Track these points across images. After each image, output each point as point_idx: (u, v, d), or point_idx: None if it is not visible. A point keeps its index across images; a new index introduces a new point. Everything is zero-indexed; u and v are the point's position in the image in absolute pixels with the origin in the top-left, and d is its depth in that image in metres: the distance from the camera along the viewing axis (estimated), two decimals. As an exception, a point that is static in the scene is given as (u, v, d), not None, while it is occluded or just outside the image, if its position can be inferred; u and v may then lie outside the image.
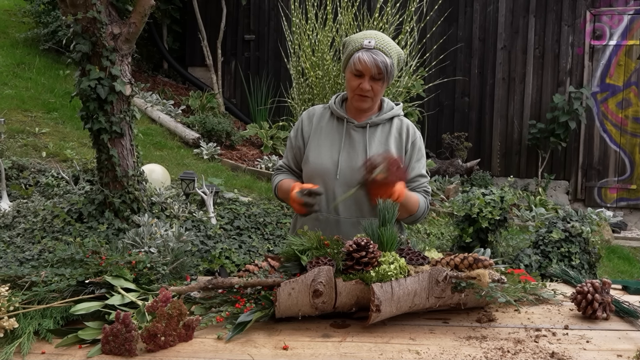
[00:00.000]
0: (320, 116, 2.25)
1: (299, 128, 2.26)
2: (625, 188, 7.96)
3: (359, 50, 2.05)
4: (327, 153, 2.16)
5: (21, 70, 8.11)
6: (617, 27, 7.83)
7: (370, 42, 2.04)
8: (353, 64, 2.06)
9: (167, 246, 3.20)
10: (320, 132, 2.21)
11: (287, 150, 2.32)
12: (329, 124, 2.22)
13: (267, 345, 1.52)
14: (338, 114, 2.20)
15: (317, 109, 2.29)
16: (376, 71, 2.04)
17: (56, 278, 1.74)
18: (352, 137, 2.17)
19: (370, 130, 2.18)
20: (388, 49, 2.06)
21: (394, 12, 6.60)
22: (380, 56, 2.03)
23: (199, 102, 8.40)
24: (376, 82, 2.08)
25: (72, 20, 3.69)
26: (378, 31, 2.16)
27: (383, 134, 2.18)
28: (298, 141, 2.25)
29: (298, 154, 2.25)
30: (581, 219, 4.01)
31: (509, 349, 1.51)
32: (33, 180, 5.27)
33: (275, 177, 2.32)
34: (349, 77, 2.12)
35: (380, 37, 2.08)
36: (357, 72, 2.06)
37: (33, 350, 1.49)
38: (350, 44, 2.11)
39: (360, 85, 2.07)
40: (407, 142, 2.19)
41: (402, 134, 2.20)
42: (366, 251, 1.66)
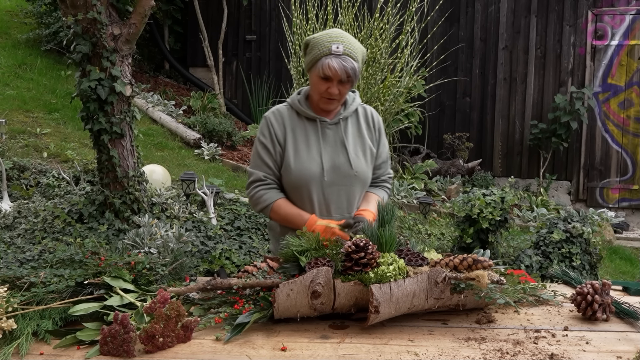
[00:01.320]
0: (288, 118, 2.18)
1: (271, 133, 2.16)
2: (627, 188, 7.94)
3: (328, 56, 2.03)
4: (308, 157, 2.13)
5: (23, 70, 8.12)
6: (619, 27, 7.82)
7: (338, 48, 2.02)
8: (321, 69, 2.04)
9: (167, 247, 3.20)
10: (295, 136, 2.16)
11: (263, 158, 2.16)
12: (300, 125, 2.18)
13: (266, 347, 1.52)
14: (307, 114, 2.17)
15: (281, 110, 2.21)
16: (345, 77, 2.04)
17: (55, 279, 1.74)
18: (328, 135, 2.17)
19: (342, 125, 2.19)
20: (355, 53, 2.06)
21: (395, 13, 6.60)
22: (349, 62, 2.03)
23: (200, 102, 8.41)
24: (344, 86, 2.08)
25: (73, 21, 3.69)
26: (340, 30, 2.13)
27: (354, 127, 2.21)
28: (276, 146, 2.15)
29: (279, 160, 2.16)
30: (582, 220, 4.00)
31: (508, 351, 1.51)
32: (34, 180, 5.28)
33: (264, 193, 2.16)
34: (315, 81, 2.09)
35: (347, 41, 2.06)
36: (325, 77, 2.05)
37: (31, 351, 1.49)
38: (316, 47, 2.07)
39: (329, 90, 2.06)
40: (374, 129, 2.25)
41: (369, 123, 2.25)
42: (365, 252, 1.66)
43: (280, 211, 2.14)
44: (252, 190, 2.19)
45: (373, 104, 6.53)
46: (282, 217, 2.15)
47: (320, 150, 2.14)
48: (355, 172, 2.14)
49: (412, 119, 7.67)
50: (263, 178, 2.16)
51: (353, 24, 6.46)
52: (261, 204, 2.16)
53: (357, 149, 2.19)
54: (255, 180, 2.17)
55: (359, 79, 2.15)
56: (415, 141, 8.20)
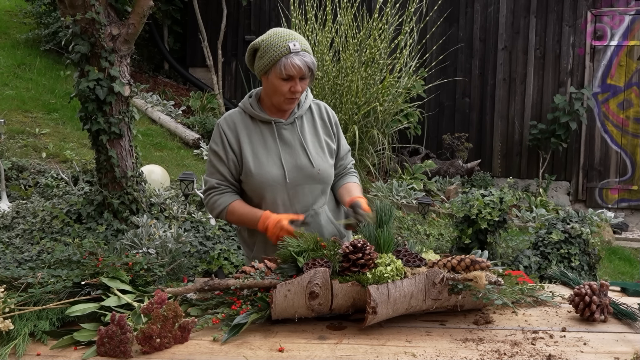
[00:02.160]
0: (242, 123, 2.16)
1: (224, 141, 2.14)
2: (627, 189, 7.94)
3: (287, 55, 2.01)
4: (268, 160, 2.12)
5: (22, 71, 8.12)
6: (618, 28, 7.82)
7: (295, 46, 2.01)
8: (283, 69, 2.02)
9: (166, 247, 3.20)
10: (251, 141, 2.14)
11: (216, 166, 2.16)
12: (255, 129, 2.15)
13: (263, 347, 1.52)
14: (262, 118, 2.14)
15: (233, 115, 2.18)
16: (308, 72, 2.05)
17: (52, 279, 1.74)
18: (285, 136, 2.15)
19: (298, 124, 2.18)
20: (308, 48, 2.07)
21: (394, 13, 6.59)
22: (307, 57, 2.04)
23: (199, 102, 8.40)
24: (304, 82, 2.08)
25: (71, 21, 3.69)
26: (279, 28, 2.12)
27: (309, 124, 2.21)
28: (229, 154, 2.13)
29: (233, 167, 2.14)
30: (581, 220, 4.00)
31: (505, 352, 1.51)
32: (33, 181, 5.27)
33: (218, 198, 2.16)
34: (277, 83, 2.05)
35: (299, 37, 2.06)
36: (287, 77, 2.03)
37: (28, 351, 1.49)
38: (271, 49, 2.03)
39: (292, 89, 2.05)
40: (331, 124, 2.26)
41: (324, 119, 2.25)
42: (363, 253, 1.65)
43: (235, 213, 2.13)
44: (206, 198, 2.20)
45: (372, 105, 6.53)
46: (237, 218, 2.14)
47: (279, 153, 2.12)
48: (318, 171, 2.14)
49: (411, 119, 7.67)
50: (216, 185, 2.16)
51: (352, 24, 6.46)
52: (216, 209, 2.16)
53: (316, 147, 2.19)
54: (209, 188, 2.18)
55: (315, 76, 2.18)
56: (414, 141, 8.20)
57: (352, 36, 6.43)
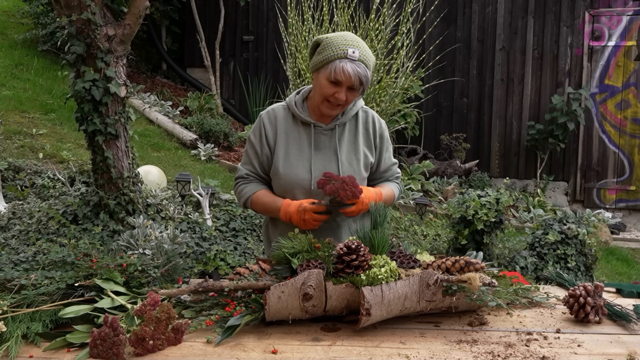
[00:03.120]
0: (283, 120, 2.12)
1: (262, 134, 2.12)
2: (624, 189, 7.95)
3: (343, 59, 1.95)
4: (298, 162, 2.08)
5: (19, 71, 8.11)
6: (616, 28, 7.83)
7: (354, 53, 1.95)
8: (333, 72, 1.95)
9: (162, 248, 3.19)
10: (287, 139, 2.11)
11: (250, 157, 2.16)
12: (293, 128, 2.11)
13: (257, 349, 1.51)
14: (303, 119, 2.10)
15: (277, 110, 2.15)
16: (357, 83, 1.97)
17: (46, 281, 1.73)
18: (321, 141, 2.10)
19: (338, 131, 2.11)
20: (368, 61, 1.99)
21: (391, 13, 6.59)
22: (362, 69, 1.96)
23: (197, 103, 8.40)
24: (352, 93, 2.00)
25: (67, 21, 3.68)
26: (352, 34, 2.05)
27: (350, 133, 2.13)
28: (264, 148, 2.12)
29: (266, 162, 2.14)
30: (578, 221, 4.00)
31: (499, 353, 1.50)
32: (29, 181, 5.27)
33: (244, 187, 2.17)
34: (323, 83, 1.99)
35: (363, 47, 1.99)
36: (335, 81, 1.96)
37: (21, 353, 1.48)
38: (330, 48, 1.98)
39: (336, 95, 1.98)
40: (374, 136, 2.17)
41: (368, 129, 2.16)
42: (357, 254, 1.65)
43: (259, 201, 2.12)
44: (235, 187, 2.23)
45: (369, 105, 6.52)
46: (261, 207, 2.13)
47: (311, 157, 2.08)
48: None
49: (409, 120, 7.67)
50: (245, 176, 2.18)
51: (349, 25, 6.46)
52: (242, 197, 2.17)
53: (350, 157, 2.11)
54: (239, 177, 2.20)
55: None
56: (412, 142, 8.20)
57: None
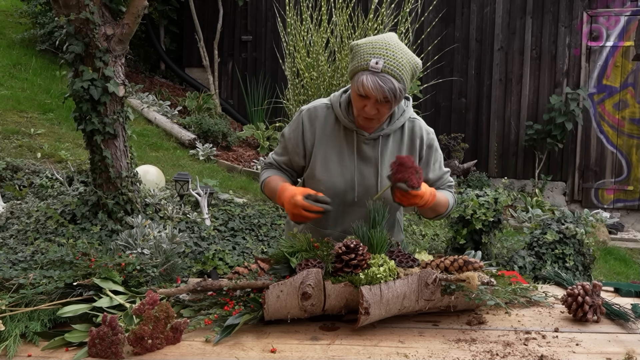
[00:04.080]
0: (324, 121, 1.99)
1: (299, 132, 2.01)
2: (622, 189, 7.96)
3: (365, 71, 1.79)
4: (337, 170, 1.97)
5: (17, 71, 8.10)
6: (614, 28, 7.84)
7: (377, 64, 1.77)
8: (357, 85, 1.81)
9: (160, 248, 3.19)
10: (327, 143, 1.98)
11: (281, 148, 2.08)
12: (335, 132, 1.98)
13: (255, 348, 1.51)
14: (346, 123, 1.96)
15: (319, 109, 2.01)
16: (382, 98, 1.80)
17: (44, 280, 1.73)
18: (363, 151, 1.97)
19: (382, 142, 1.97)
20: (398, 71, 1.79)
21: (389, 13, 6.59)
22: (387, 82, 1.77)
23: (195, 102, 8.39)
24: (383, 105, 1.84)
25: (65, 21, 3.68)
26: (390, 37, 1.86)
27: (395, 145, 2.00)
28: (298, 147, 2.02)
29: (296, 159, 2.04)
30: (576, 221, 4.01)
31: (497, 352, 1.51)
32: (27, 181, 5.26)
33: (264, 172, 2.12)
34: (353, 95, 1.88)
35: (391, 54, 1.79)
36: (360, 94, 1.83)
37: (19, 353, 1.48)
38: (356, 58, 1.83)
39: (365, 108, 1.84)
40: (421, 147, 2.03)
41: (414, 141, 2.01)
42: (355, 253, 1.65)
43: (268, 185, 2.04)
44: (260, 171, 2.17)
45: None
46: (268, 191, 2.05)
47: (353, 168, 1.96)
48: (384, 198, 1.92)
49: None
50: (268, 163, 2.13)
51: (347, 25, 6.46)
52: (260, 181, 2.12)
53: None
54: (267, 163, 2.14)
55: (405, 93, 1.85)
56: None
57: (347, 36, 6.43)
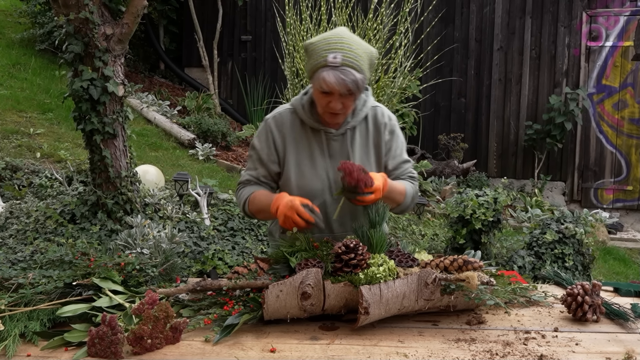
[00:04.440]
0: (291, 125, 2.00)
1: (269, 140, 2.00)
2: (622, 189, 7.96)
3: (324, 67, 1.81)
4: (311, 172, 1.98)
5: (17, 70, 8.09)
6: (614, 29, 7.84)
7: (336, 58, 1.79)
8: (319, 82, 1.82)
9: (159, 247, 3.19)
10: (297, 147, 1.99)
11: (256, 162, 2.04)
12: (303, 135, 1.99)
13: (255, 348, 1.51)
14: (312, 124, 1.98)
15: (284, 115, 2.02)
16: (345, 91, 1.82)
17: (43, 280, 1.73)
18: (333, 148, 1.99)
19: (349, 135, 2.00)
20: (357, 62, 1.82)
21: (389, 13, 6.59)
22: (349, 75, 1.80)
23: (195, 102, 8.39)
24: (347, 98, 1.86)
25: (65, 20, 3.67)
26: (343, 31, 1.88)
27: (362, 135, 2.02)
28: (272, 155, 2.01)
29: (273, 168, 2.02)
30: (575, 221, 4.01)
31: (497, 352, 1.51)
32: (26, 181, 5.25)
33: (243, 190, 2.07)
34: (316, 94, 1.89)
35: (347, 48, 1.81)
36: (323, 91, 1.84)
37: (18, 352, 1.48)
38: (313, 56, 1.85)
39: (330, 104, 1.86)
40: (384, 132, 2.04)
41: (379, 128, 2.03)
42: (355, 253, 1.65)
43: (255, 200, 2.00)
44: (236, 193, 2.13)
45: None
46: (256, 206, 2.00)
47: (326, 167, 1.98)
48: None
49: (407, 120, 7.67)
50: (245, 181, 2.08)
51: (347, 24, 6.46)
52: (240, 201, 2.07)
53: (364, 163, 1.99)
54: (240, 182, 2.11)
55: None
56: (409, 142, 8.20)
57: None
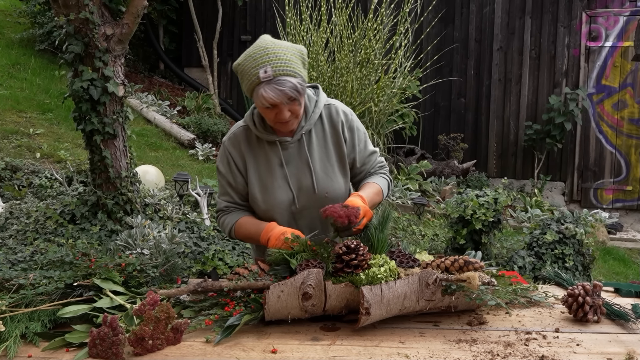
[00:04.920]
0: (247, 142, 1.98)
1: (230, 163, 2.00)
2: (621, 189, 7.97)
3: (259, 85, 1.79)
4: (274, 185, 1.96)
5: (16, 70, 8.09)
6: (613, 29, 7.85)
7: (266, 72, 1.77)
8: (260, 100, 1.81)
9: (160, 248, 3.19)
10: (256, 163, 1.98)
11: (224, 187, 2.04)
12: (260, 149, 1.98)
13: (256, 349, 1.51)
14: (267, 137, 1.95)
15: (238, 134, 2.00)
16: (287, 100, 1.80)
17: (44, 281, 1.73)
18: (291, 156, 1.97)
19: (305, 140, 1.97)
20: (288, 68, 1.79)
21: (389, 13, 6.60)
22: (285, 84, 1.78)
23: (194, 102, 8.39)
24: (292, 105, 1.84)
25: (65, 21, 3.67)
26: (264, 41, 1.85)
27: (319, 137, 2.00)
28: (237, 177, 2.00)
29: (242, 189, 2.02)
30: (575, 221, 4.01)
31: (498, 352, 1.51)
32: (26, 181, 5.25)
33: (225, 218, 2.06)
34: (261, 111, 1.86)
35: (274, 57, 1.79)
36: (267, 106, 1.82)
37: (19, 353, 1.48)
38: (245, 77, 1.83)
39: (278, 116, 1.84)
40: (343, 130, 2.00)
41: (336, 127, 2.00)
42: (356, 254, 1.65)
43: (242, 228, 2.01)
44: (217, 220, 2.12)
45: (367, 105, 6.53)
46: (244, 234, 2.02)
47: (286, 177, 1.96)
48: (326, 194, 1.97)
49: (407, 120, 7.68)
50: (224, 208, 2.07)
51: (347, 25, 6.46)
52: (225, 229, 2.07)
53: (325, 165, 1.98)
54: (219, 210, 2.10)
55: (303, 85, 1.82)
56: (409, 142, 8.21)
57: (347, 36, 6.43)
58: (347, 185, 2.05)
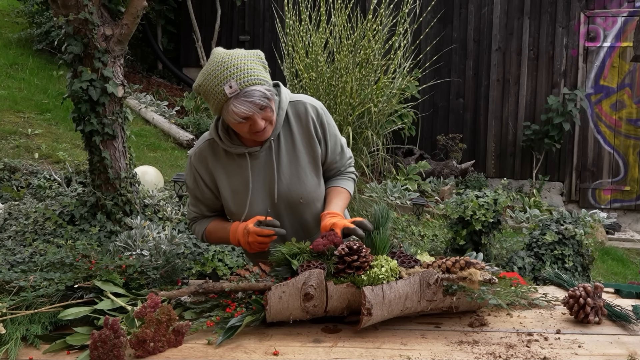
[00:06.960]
0: (214, 156, 1.95)
1: (198, 179, 1.97)
2: (619, 189, 7.98)
3: (227, 101, 1.74)
4: (248, 196, 1.93)
5: (14, 70, 8.07)
6: (611, 29, 7.86)
7: (232, 87, 1.72)
8: (231, 117, 1.76)
9: (159, 249, 3.18)
10: (226, 175, 1.95)
11: (194, 200, 2.04)
12: (229, 161, 1.94)
13: (258, 351, 1.51)
14: (235, 150, 1.91)
15: (203, 149, 1.95)
16: (259, 109, 1.77)
17: (45, 283, 1.73)
18: (262, 164, 1.93)
19: (274, 146, 1.93)
20: (251, 77, 1.75)
21: (388, 14, 6.60)
22: (253, 94, 1.74)
23: (193, 103, 8.38)
24: (265, 112, 1.80)
25: (64, 21, 3.66)
26: (220, 56, 1.78)
27: (287, 140, 1.95)
28: (204, 193, 1.99)
29: (211, 202, 2.02)
30: (575, 221, 4.01)
31: (500, 354, 1.51)
32: (25, 182, 5.24)
33: (195, 227, 2.09)
34: (234, 125, 1.81)
35: (234, 69, 1.73)
36: (240, 120, 1.77)
37: (20, 356, 1.48)
38: (210, 96, 1.77)
39: (253, 127, 1.80)
40: (314, 126, 1.95)
41: (307, 124, 1.95)
42: (358, 255, 1.65)
43: (212, 235, 2.05)
44: (189, 227, 2.17)
45: (366, 105, 6.53)
46: (215, 239, 2.06)
47: (259, 187, 1.94)
48: (300, 199, 1.95)
49: (406, 120, 7.68)
50: (194, 218, 2.10)
51: (346, 25, 6.46)
52: (198, 236, 2.10)
53: (297, 169, 1.95)
54: (189, 219, 2.14)
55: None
56: (408, 142, 8.21)
57: (346, 37, 6.43)
58: (320, 184, 2.02)
